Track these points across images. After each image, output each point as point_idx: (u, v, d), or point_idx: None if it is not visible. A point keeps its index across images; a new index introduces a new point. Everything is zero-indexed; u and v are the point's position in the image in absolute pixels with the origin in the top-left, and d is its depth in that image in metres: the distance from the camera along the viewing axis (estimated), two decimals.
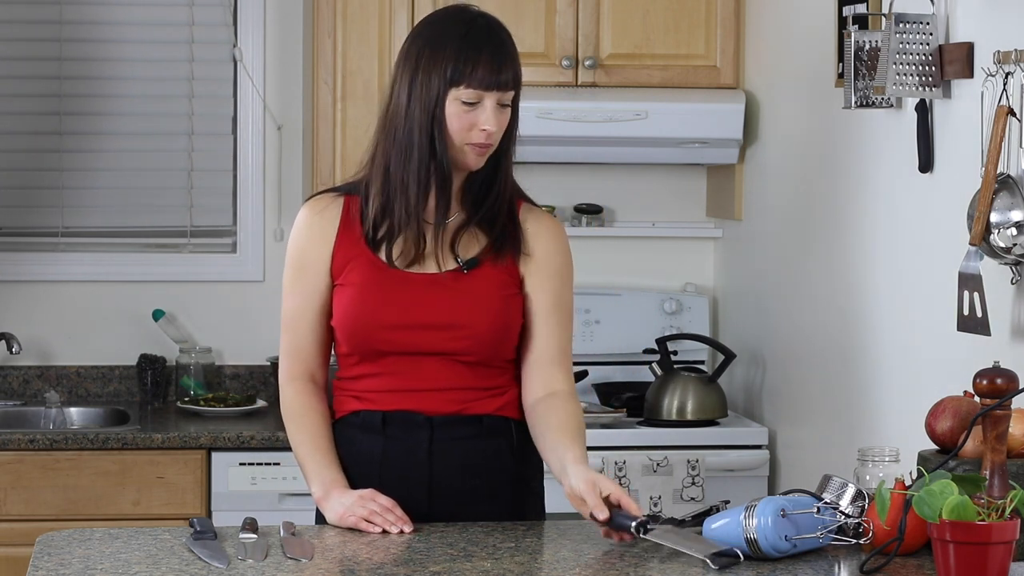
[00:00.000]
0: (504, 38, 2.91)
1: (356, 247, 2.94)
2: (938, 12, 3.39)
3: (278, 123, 4.95)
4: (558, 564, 2.60)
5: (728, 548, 2.52)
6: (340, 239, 2.95)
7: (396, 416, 2.93)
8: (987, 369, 2.56)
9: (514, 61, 2.90)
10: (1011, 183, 3.09)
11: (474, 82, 2.85)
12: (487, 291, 2.92)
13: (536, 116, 4.50)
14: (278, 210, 4.96)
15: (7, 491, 4.28)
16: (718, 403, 4.55)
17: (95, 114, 4.90)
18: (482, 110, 2.86)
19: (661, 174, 5.05)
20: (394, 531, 2.75)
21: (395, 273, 2.92)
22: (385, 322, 2.89)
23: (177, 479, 4.30)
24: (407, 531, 2.75)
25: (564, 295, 3.00)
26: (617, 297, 4.90)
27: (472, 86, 2.85)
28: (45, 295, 4.90)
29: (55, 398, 4.70)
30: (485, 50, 2.86)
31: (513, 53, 2.91)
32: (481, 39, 2.88)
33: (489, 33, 2.90)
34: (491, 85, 2.85)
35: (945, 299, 3.33)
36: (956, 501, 2.32)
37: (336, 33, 4.60)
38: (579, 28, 4.65)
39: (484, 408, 2.95)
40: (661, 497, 4.33)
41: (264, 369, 4.93)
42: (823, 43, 4.09)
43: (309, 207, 3.00)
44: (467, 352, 2.91)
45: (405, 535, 2.73)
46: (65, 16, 4.88)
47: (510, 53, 2.90)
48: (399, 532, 2.75)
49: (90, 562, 2.53)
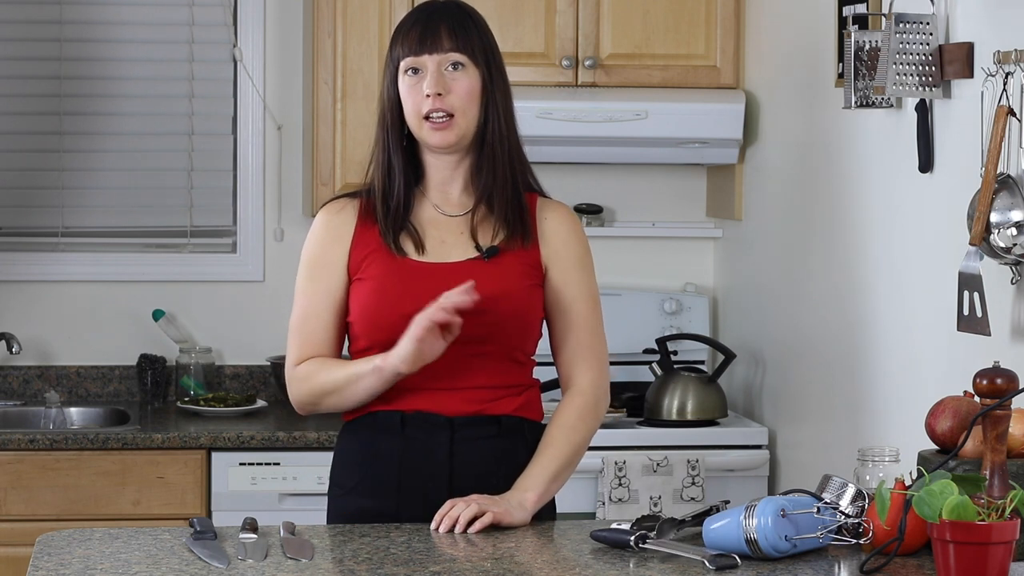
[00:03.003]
0: (449, 10, 2.92)
1: (374, 243, 2.93)
2: (938, 12, 3.39)
3: (278, 123, 4.94)
4: (558, 564, 2.60)
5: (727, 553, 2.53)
6: (357, 237, 2.95)
7: (415, 417, 2.91)
8: (987, 369, 2.56)
9: (460, 27, 2.89)
10: (1011, 183, 3.09)
11: (407, 49, 2.89)
12: (508, 278, 2.91)
13: (536, 116, 4.50)
14: (278, 210, 4.96)
15: (7, 491, 4.28)
16: (718, 403, 4.55)
17: (95, 114, 4.90)
18: (425, 77, 2.87)
19: (661, 174, 5.05)
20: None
21: (414, 264, 2.91)
22: (406, 312, 2.84)
23: (177, 479, 4.30)
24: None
25: (587, 284, 2.99)
26: (617, 297, 4.90)
27: (407, 53, 2.89)
28: (45, 295, 4.90)
29: (55, 398, 4.70)
30: (420, 20, 2.91)
31: (460, 21, 2.90)
32: (418, 13, 2.93)
33: (429, 8, 2.94)
34: (423, 48, 2.87)
35: (945, 299, 3.33)
36: (956, 501, 2.32)
37: (336, 33, 4.60)
38: (579, 28, 4.65)
39: (503, 408, 2.94)
40: (661, 497, 4.33)
41: (264, 369, 4.93)
42: (823, 43, 4.09)
43: (325, 210, 3.01)
44: (489, 339, 2.88)
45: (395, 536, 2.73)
46: (65, 16, 4.88)
47: (454, 20, 2.90)
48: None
49: (90, 562, 2.53)
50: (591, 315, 2.98)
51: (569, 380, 2.98)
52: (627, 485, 4.31)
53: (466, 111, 2.89)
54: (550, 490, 2.88)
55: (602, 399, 2.99)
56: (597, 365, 2.98)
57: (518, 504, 2.81)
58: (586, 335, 2.98)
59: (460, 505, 2.76)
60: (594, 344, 2.98)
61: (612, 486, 4.31)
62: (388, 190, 2.94)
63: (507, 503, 2.79)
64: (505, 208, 2.93)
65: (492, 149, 2.93)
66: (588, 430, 2.96)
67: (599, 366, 2.98)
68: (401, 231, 2.93)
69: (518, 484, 2.85)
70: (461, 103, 2.88)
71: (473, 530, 2.73)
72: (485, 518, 2.75)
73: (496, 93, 2.92)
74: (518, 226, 2.93)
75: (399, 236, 2.92)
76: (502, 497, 2.81)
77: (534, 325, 2.96)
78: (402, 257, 2.92)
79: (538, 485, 2.86)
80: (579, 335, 2.97)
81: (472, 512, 2.75)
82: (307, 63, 4.85)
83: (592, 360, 2.98)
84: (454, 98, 2.88)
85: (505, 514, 2.77)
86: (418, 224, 2.95)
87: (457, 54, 2.88)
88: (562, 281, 2.96)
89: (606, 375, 3.00)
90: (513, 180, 2.95)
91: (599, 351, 2.99)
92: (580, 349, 2.97)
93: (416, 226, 2.94)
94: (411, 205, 2.95)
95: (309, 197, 4.77)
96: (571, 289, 2.96)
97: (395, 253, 2.91)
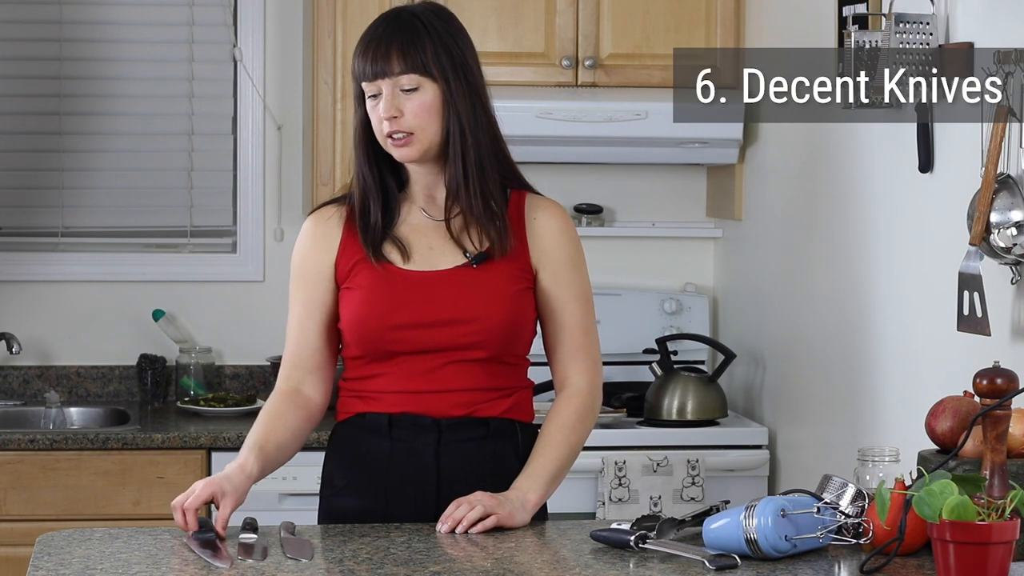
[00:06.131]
0: (401, 26, 2.89)
1: (361, 251, 2.93)
2: (938, 12, 3.39)
3: (278, 123, 4.94)
4: (558, 564, 2.60)
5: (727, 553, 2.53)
6: (344, 245, 2.95)
7: (402, 419, 2.91)
8: (987, 369, 2.56)
9: (411, 47, 2.86)
10: (1011, 183, 3.09)
11: (362, 73, 2.91)
12: (497, 284, 2.91)
13: (536, 116, 4.50)
14: (278, 210, 4.96)
15: (7, 491, 4.28)
16: (718, 403, 4.55)
17: (95, 114, 4.90)
18: (383, 99, 2.88)
19: (661, 174, 5.04)
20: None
21: (402, 272, 2.91)
22: (394, 322, 2.87)
23: (177, 479, 4.29)
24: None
25: (579, 284, 2.98)
26: (617, 297, 4.90)
27: (363, 78, 2.91)
28: (45, 295, 4.90)
29: (55, 398, 4.70)
30: (373, 40, 2.90)
31: (411, 38, 2.87)
32: (373, 30, 2.92)
33: (386, 23, 2.91)
34: (376, 73, 2.88)
35: (945, 299, 3.33)
36: (956, 501, 2.32)
37: (336, 33, 4.60)
38: (579, 28, 4.65)
39: (492, 411, 2.93)
40: (661, 497, 4.33)
41: (264, 369, 4.93)
42: (823, 43, 4.09)
43: (311, 218, 3.02)
44: (478, 347, 2.88)
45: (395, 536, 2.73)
46: (65, 16, 4.88)
47: (404, 39, 2.87)
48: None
49: (90, 562, 2.53)
50: (584, 315, 2.97)
51: (565, 381, 2.97)
52: (627, 485, 4.31)
53: (424, 128, 2.88)
54: (549, 491, 2.89)
55: (598, 399, 3.00)
56: (592, 366, 2.98)
57: (520, 505, 2.81)
58: (580, 335, 2.97)
59: (465, 507, 2.76)
60: (587, 344, 2.98)
61: (612, 486, 4.31)
62: (365, 208, 2.95)
63: (511, 504, 2.79)
64: (481, 213, 2.91)
65: (455, 158, 2.90)
66: (586, 431, 2.96)
67: (594, 366, 2.98)
68: (383, 244, 2.93)
69: (518, 484, 2.85)
70: (418, 121, 2.88)
71: (476, 530, 2.74)
72: (489, 520, 2.75)
73: (458, 102, 2.88)
74: (492, 231, 2.91)
75: (380, 249, 2.93)
76: (505, 497, 2.81)
77: (525, 329, 2.95)
78: (391, 265, 2.92)
79: (539, 487, 2.86)
80: (572, 335, 2.96)
81: (477, 514, 2.75)
82: (307, 63, 4.85)
83: (587, 361, 2.97)
84: (409, 118, 2.88)
85: (509, 517, 2.78)
86: (406, 231, 2.95)
87: (407, 75, 2.86)
88: (553, 282, 2.95)
89: (600, 375, 3.00)
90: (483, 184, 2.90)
91: (593, 351, 2.98)
92: (574, 350, 2.96)
93: (402, 234, 2.94)
94: (394, 215, 2.95)
95: (309, 197, 4.77)
96: (563, 290, 2.95)
97: (384, 261, 2.91)
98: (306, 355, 2.96)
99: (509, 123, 3.02)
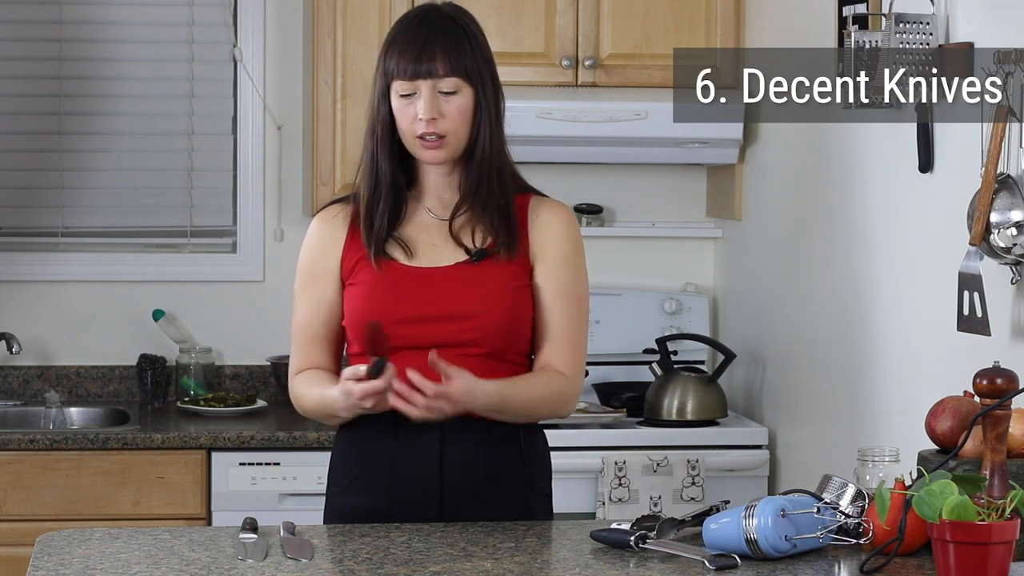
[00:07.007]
0: (445, 27, 2.89)
1: (364, 249, 2.94)
2: (938, 12, 3.39)
3: (278, 123, 4.95)
4: (558, 564, 2.60)
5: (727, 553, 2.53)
6: (349, 243, 2.97)
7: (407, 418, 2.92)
8: (987, 369, 2.56)
9: (455, 49, 2.87)
10: (1011, 183, 3.09)
11: (401, 72, 2.87)
12: (497, 281, 2.91)
13: (536, 116, 4.50)
14: (278, 210, 4.96)
15: (7, 491, 4.28)
16: (718, 403, 4.55)
17: (95, 114, 4.90)
18: (419, 100, 2.87)
19: (661, 174, 5.04)
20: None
21: (405, 269, 2.92)
22: (396, 317, 2.87)
23: (177, 479, 4.30)
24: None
25: (573, 283, 2.97)
26: (617, 297, 4.90)
27: (400, 77, 2.88)
28: (45, 295, 4.90)
29: (55, 398, 4.70)
30: (416, 40, 2.88)
31: (456, 41, 2.88)
32: (414, 29, 2.90)
33: (428, 24, 2.90)
34: (418, 73, 2.87)
35: (945, 299, 3.33)
36: (956, 501, 2.32)
37: (336, 33, 4.60)
38: (579, 28, 4.65)
39: None
40: (661, 497, 4.33)
41: (264, 369, 4.93)
42: (823, 43, 4.09)
43: (318, 218, 3.03)
44: (479, 343, 2.89)
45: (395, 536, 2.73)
46: (65, 16, 4.88)
47: (449, 41, 2.88)
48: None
49: (90, 562, 2.53)
50: (573, 315, 2.96)
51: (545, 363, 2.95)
52: (627, 485, 4.31)
53: (458, 131, 2.90)
54: (492, 406, 2.85)
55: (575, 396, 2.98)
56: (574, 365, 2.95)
57: (471, 392, 2.79)
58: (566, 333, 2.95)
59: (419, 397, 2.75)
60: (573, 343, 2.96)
61: (612, 486, 4.31)
62: (373, 205, 2.94)
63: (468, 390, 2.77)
64: (494, 214, 2.93)
65: (481, 162, 2.92)
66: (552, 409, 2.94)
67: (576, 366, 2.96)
68: (386, 242, 2.94)
69: (479, 381, 2.81)
70: (454, 125, 2.89)
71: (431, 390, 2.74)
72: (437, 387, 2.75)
73: (488, 108, 2.91)
74: (504, 233, 2.92)
75: (383, 247, 2.93)
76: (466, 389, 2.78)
77: (525, 326, 2.95)
78: (394, 262, 2.92)
79: (493, 392, 2.83)
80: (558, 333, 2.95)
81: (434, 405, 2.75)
82: (307, 63, 4.85)
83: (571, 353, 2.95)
84: (447, 122, 2.88)
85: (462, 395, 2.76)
86: (410, 228, 2.96)
87: (451, 79, 2.87)
88: (545, 277, 2.95)
89: (581, 378, 2.99)
90: (502, 188, 2.94)
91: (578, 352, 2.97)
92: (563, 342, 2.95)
93: (407, 232, 2.95)
94: (400, 213, 2.96)
95: (309, 197, 4.77)
96: (554, 287, 2.95)
97: (387, 258, 2.92)
98: (315, 353, 2.99)
99: (509, 123, 3.02)
